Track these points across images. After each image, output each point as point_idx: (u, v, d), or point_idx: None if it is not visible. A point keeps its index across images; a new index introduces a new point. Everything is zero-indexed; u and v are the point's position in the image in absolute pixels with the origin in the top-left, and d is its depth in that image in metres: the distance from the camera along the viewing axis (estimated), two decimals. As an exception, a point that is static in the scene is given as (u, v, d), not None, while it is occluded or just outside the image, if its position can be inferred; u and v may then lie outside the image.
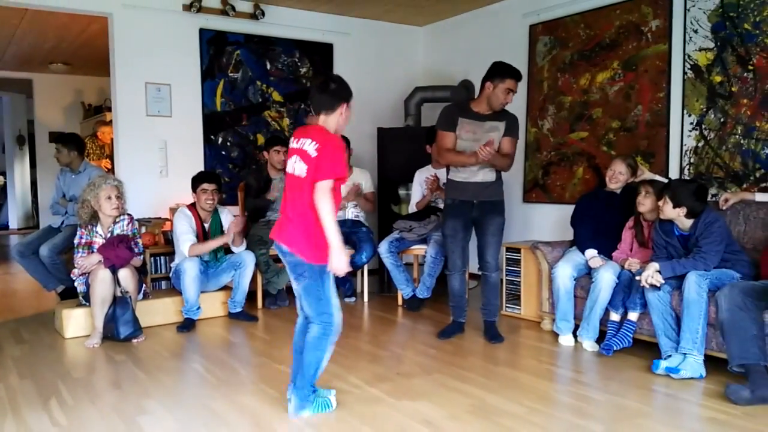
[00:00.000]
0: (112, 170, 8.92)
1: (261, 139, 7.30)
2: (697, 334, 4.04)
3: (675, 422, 3.42)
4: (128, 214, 5.35)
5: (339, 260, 3.25)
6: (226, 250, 5.87)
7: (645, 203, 4.72)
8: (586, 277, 4.94)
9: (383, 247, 6.18)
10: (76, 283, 5.30)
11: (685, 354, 4.09)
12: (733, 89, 5.21)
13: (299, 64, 7.61)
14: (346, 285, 6.56)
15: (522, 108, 6.74)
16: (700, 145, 5.42)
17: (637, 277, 4.42)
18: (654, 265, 4.30)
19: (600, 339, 4.71)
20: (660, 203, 4.40)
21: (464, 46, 7.70)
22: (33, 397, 3.84)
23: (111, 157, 9.97)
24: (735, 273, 4.23)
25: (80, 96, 11.70)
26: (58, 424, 3.43)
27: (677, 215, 4.32)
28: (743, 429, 3.29)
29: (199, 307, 5.53)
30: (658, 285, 4.28)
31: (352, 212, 6.60)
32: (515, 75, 4.76)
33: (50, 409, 3.64)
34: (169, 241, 6.28)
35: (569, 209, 5.46)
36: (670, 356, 4.19)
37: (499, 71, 4.76)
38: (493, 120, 4.84)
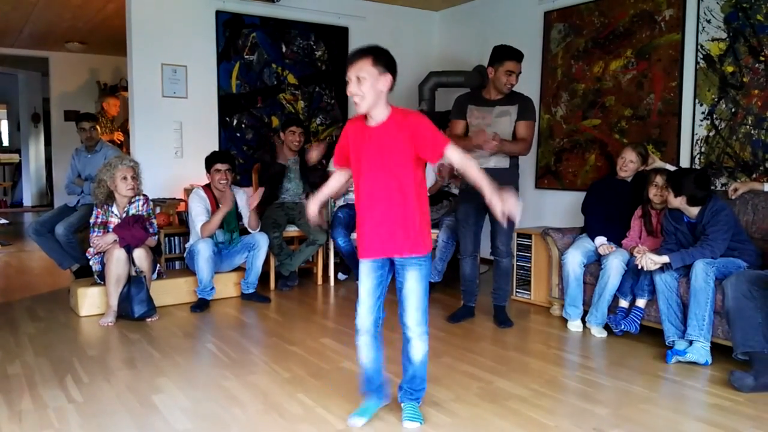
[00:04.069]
0: (126, 143, 8.96)
1: (276, 122, 7.34)
2: (703, 321, 4.08)
3: (680, 408, 3.47)
4: (143, 195, 5.40)
5: None
6: (241, 231, 5.92)
7: (663, 194, 4.72)
8: (595, 264, 4.98)
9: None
10: (91, 262, 5.34)
11: (691, 341, 4.14)
12: (744, 80, 5.21)
13: (314, 47, 7.63)
14: (358, 269, 6.58)
15: (536, 94, 6.74)
16: (711, 134, 5.44)
17: (637, 256, 4.46)
18: (662, 258, 4.33)
19: (607, 327, 4.78)
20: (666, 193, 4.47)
21: (479, 32, 7.70)
22: (49, 374, 3.90)
23: (120, 129, 10.01)
24: (742, 262, 4.26)
25: (96, 75, 11.74)
26: (73, 401, 3.49)
27: (680, 204, 4.36)
28: (746, 415, 3.33)
29: (212, 288, 5.59)
30: (653, 269, 4.35)
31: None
32: (513, 56, 4.78)
33: (66, 386, 3.71)
34: (183, 221, 6.33)
35: (581, 196, 5.50)
36: (673, 341, 4.26)
37: (498, 55, 4.81)
38: (504, 104, 4.88)
